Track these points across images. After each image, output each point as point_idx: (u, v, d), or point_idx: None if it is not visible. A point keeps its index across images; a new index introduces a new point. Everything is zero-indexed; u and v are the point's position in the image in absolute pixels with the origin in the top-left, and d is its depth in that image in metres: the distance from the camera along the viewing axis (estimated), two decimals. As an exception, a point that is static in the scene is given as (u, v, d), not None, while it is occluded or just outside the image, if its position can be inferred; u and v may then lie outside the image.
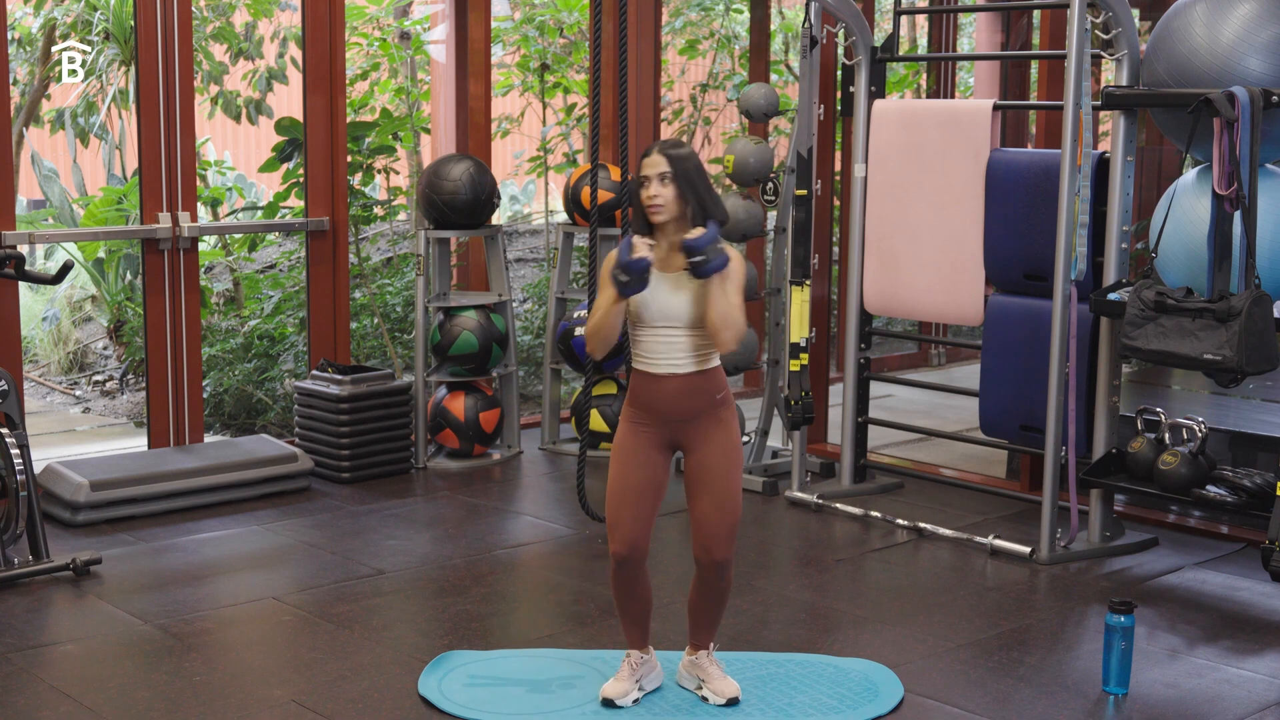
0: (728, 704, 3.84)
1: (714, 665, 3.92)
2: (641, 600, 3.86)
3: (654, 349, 3.70)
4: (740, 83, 9.92)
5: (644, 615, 3.89)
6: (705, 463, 3.74)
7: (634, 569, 3.79)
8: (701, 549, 3.78)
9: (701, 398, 3.71)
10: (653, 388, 3.72)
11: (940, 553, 5.33)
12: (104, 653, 4.27)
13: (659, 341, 3.69)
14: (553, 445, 6.89)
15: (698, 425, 3.73)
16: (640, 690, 3.90)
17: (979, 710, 3.90)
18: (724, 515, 3.74)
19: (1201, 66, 4.80)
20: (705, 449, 3.73)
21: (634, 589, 3.83)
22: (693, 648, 3.94)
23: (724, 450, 3.73)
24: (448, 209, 6.47)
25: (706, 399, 3.72)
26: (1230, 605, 4.79)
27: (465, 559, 5.18)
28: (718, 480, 3.73)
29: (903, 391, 7.92)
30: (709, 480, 3.73)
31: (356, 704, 3.88)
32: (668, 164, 3.62)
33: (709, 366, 3.72)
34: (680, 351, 3.69)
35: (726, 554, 3.77)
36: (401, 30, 8.79)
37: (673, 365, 3.70)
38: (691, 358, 3.70)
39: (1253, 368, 4.58)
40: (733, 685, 3.88)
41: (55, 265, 8.08)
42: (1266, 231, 4.73)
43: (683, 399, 3.71)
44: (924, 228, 5.73)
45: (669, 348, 3.69)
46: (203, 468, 5.82)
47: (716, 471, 3.73)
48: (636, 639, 3.91)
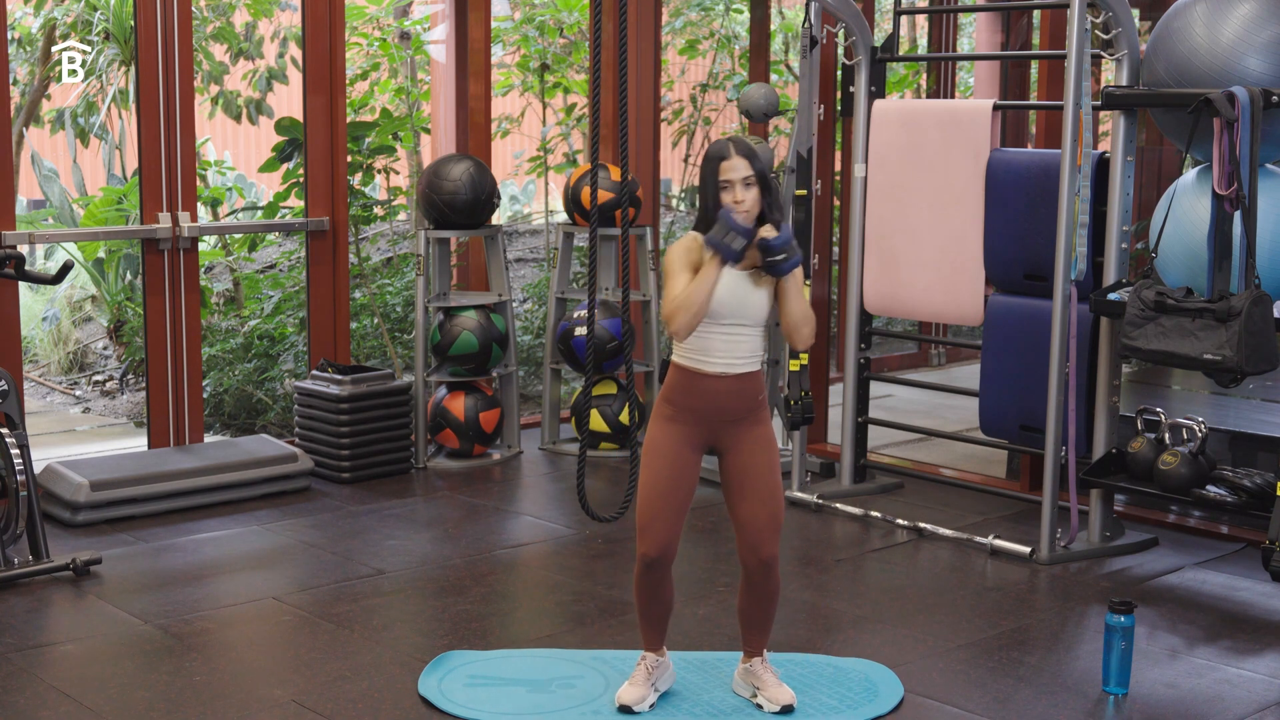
0: (782, 711, 3.81)
1: (769, 672, 3.89)
2: (664, 603, 3.85)
3: (714, 346, 3.67)
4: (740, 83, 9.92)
5: (664, 618, 3.88)
6: (749, 463, 3.72)
7: (662, 571, 3.77)
8: (749, 550, 3.76)
9: (748, 399, 3.71)
10: (701, 386, 3.69)
11: (940, 553, 5.33)
12: (104, 653, 4.27)
13: (722, 339, 3.66)
14: (553, 445, 6.89)
15: (740, 426, 3.72)
16: (655, 693, 3.89)
17: (979, 710, 3.90)
18: (770, 514, 3.73)
19: (1201, 66, 4.80)
20: (748, 449, 3.72)
21: (658, 592, 3.82)
22: (747, 655, 3.91)
23: (765, 449, 3.73)
24: (448, 209, 6.47)
25: (751, 400, 3.71)
26: (1230, 605, 4.79)
27: (465, 559, 5.19)
28: (761, 480, 3.72)
29: (903, 391, 7.92)
30: (753, 480, 3.72)
31: (356, 704, 3.88)
32: (750, 168, 3.59)
33: (756, 369, 3.72)
34: (742, 351, 3.68)
35: (773, 552, 3.75)
36: (401, 30, 8.79)
37: (729, 364, 3.67)
38: (750, 358, 3.70)
39: (1253, 368, 4.58)
40: (788, 693, 3.85)
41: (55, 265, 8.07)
42: (1266, 231, 4.73)
43: (731, 399, 3.69)
44: (924, 228, 5.73)
45: (732, 346, 3.67)
46: (203, 468, 5.82)
47: (760, 470, 3.72)
48: (654, 641, 3.90)
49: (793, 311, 3.67)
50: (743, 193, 3.59)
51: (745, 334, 3.68)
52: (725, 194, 3.60)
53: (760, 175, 3.61)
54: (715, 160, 3.62)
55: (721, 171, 3.60)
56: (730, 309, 3.65)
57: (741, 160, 3.59)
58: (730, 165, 3.59)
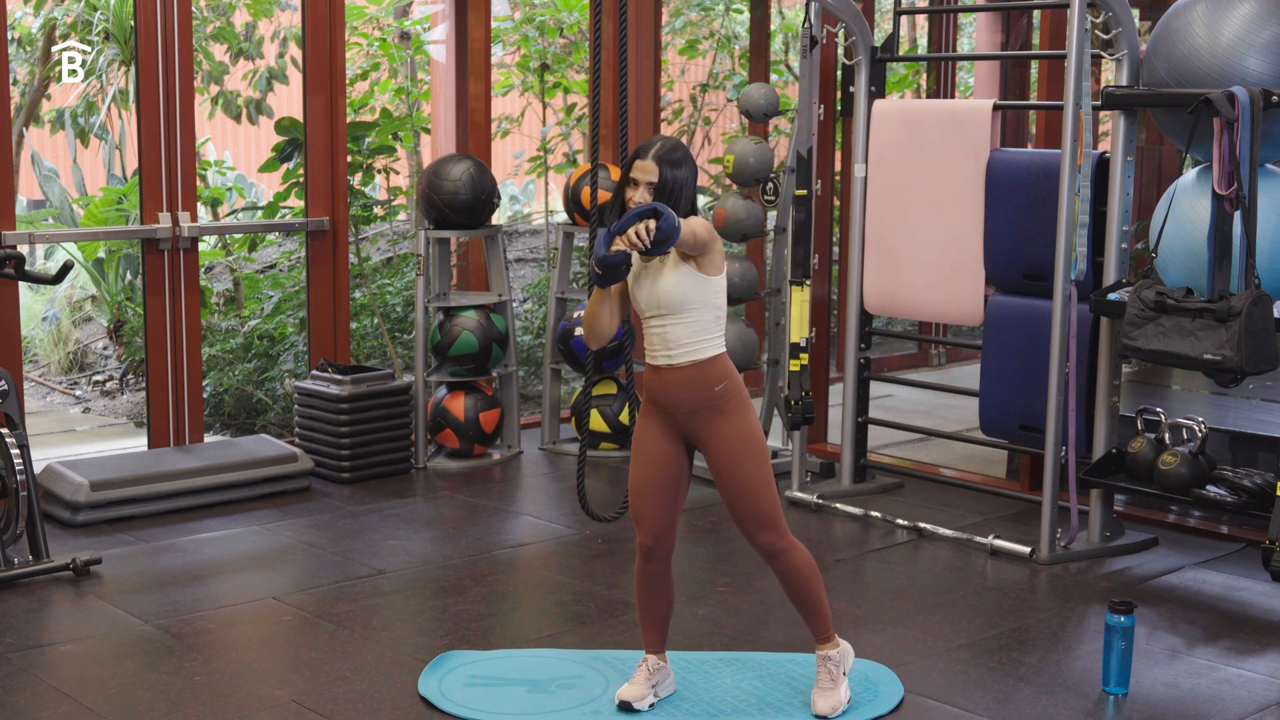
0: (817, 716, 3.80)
1: (823, 670, 3.84)
2: (664, 601, 3.86)
3: (650, 340, 3.71)
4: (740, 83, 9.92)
5: (665, 618, 3.88)
6: (716, 455, 3.72)
7: (660, 562, 3.79)
8: (747, 539, 3.79)
9: (699, 389, 3.67)
10: (655, 380, 3.73)
11: (940, 553, 5.33)
12: (104, 653, 4.27)
13: (652, 332, 3.69)
14: (553, 445, 6.89)
15: (701, 418, 3.71)
16: (655, 697, 3.89)
17: (979, 710, 3.90)
18: (745, 503, 3.71)
19: (1201, 66, 4.80)
20: (713, 442, 3.71)
21: (657, 589, 3.83)
22: (817, 643, 3.88)
23: (729, 439, 3.69)
24: (448, 209, 6.47)
25: (704, 390, 3.68)
26: (1230, 605, 4.79)
27: (465, 559, 5.18)
28: (729, 470, 3.71)
29: (903, 391, 7.91)
30: (721, 472, 3.72)
31: (356, 704, 3.88)
32: (658, 175, 3.57)
33: (703, 357, 3.66)
34: (671, 342, 3.66)
35: (766, 541, 3.73)
36: (401, 30, 8.79)
37: (667, 356, 3.68)
38: (681, 348, 3.65)
39: (1253, 368, 4.58)
40: (826, 702, 3.79)
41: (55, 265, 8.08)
42: (1266, 231, 4.73)
43: (682, 391, 3.68)
44: (924, 228, 5.73)
45: (660, 338, 3.68)
46: (203, 468, 5.82)
47: (725, 462, 3.70)
48: (655, 642, 3.90)
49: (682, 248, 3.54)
50: (644, 195, 3.58)
51: (673, 323, 3.64)
52: (628, 189, 3.61)
53: (671, 187, 3.56)
54: (634, 154, 3.62)
55: (634, 169, 3.61)
56: (647, 303, 3.66)
57: (654, 165, 3.58)
58: (642, 166, 3.59)
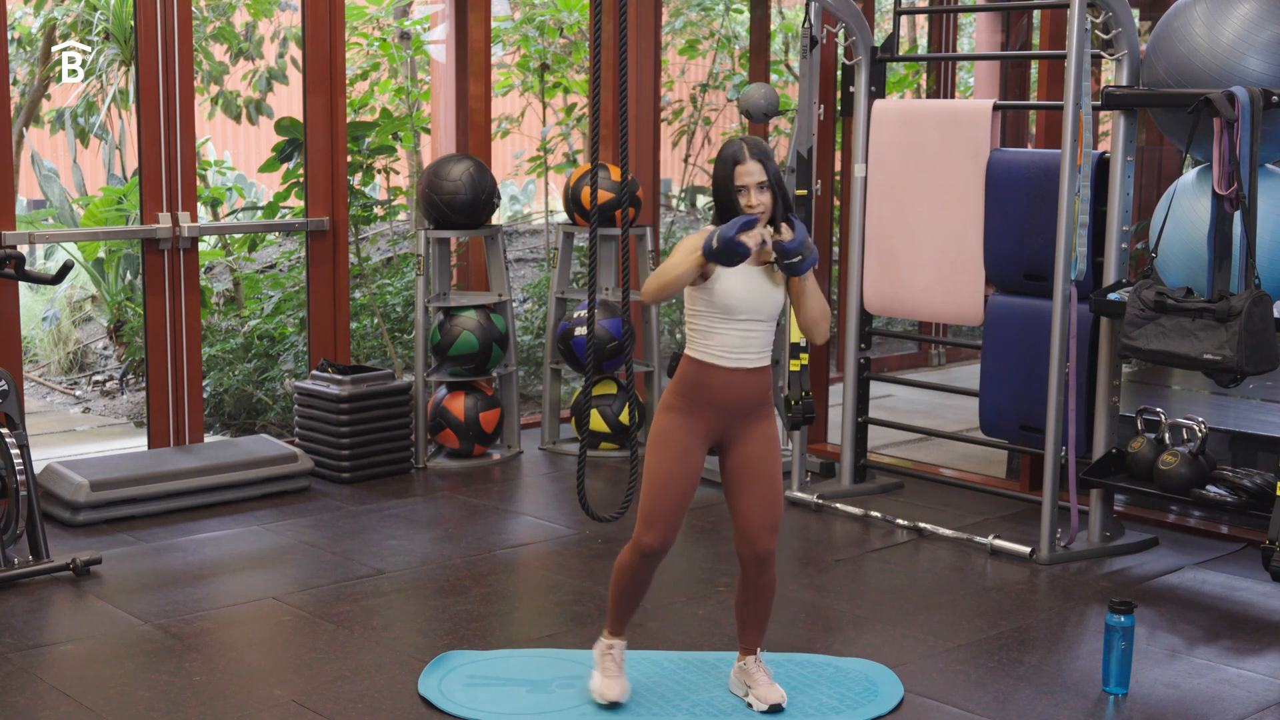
0: (770, 710, 3.82)
1: (761, 670, 3.90)
2: (644, 592, 3.88)
3: (730, 342, 3.67)
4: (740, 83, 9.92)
5: (637, 607, 3.91)
6: (753, 455, 3.73)
7: (656, 564, 3.80)
8: (745, 544, 3.76)
9: (758, 392, 3.72)
10: (714, 379, 3.69)
11: (940, 553, 5.33)
12: (104, 653, 4.27)
13: (738, 334, 3.67)
14: (553, 445, 6.89)
15: (747, 419, 3.73)
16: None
17: (979, 710, 3.90)
18: (770, 508, 3.74)
19: (1201, 66, 4.80)
20: (753, 443, 3.73)
21: (645, 584, 3.84)
22: (742, 652, 3.92)
23: (768, 443, 3.74)
24: (448, 209, 6.47)
25: (761, 393, 3.73)
26: (1230, 605, 4.79)
27: (465, 559, 5.19)
28: (764, 473, 3.73)
29: (903, 391, 7.92)
30: (756, 473, 3.73)
31: (356, 704, 3.88)
32: (764, 172, 3.60)
33: (768, 362, 3.75)
34: (757, 346, 3.70)
35: (770, 547, 3.76)
36: (401, 30, 8.79)
37: (744, 359, 3.68)
38: (763, 353, 3.71)
39: (1253, 368, 4.58)
40: (777, 692, 3.85)
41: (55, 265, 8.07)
42: (1266, 231, 4.73)
43: (743, 392, 3.70)
44: (924, 228, 5.73)
45: (748, 341, 3.68)
46: (203, 468, 5.82)
47: (764, 464, 3.73)
48: (621, 627, 3.91)
49: (811, 308, 3.69)
50: (757, 197, 3.60)
51: (759, 329, 3.70)
52: (741, 198, 3.61)
53: (774, 178, 3.62)
54: (730, 163, 3.61)
55: (736, 176, 3.61)
56: (747, 305, 3.66)
57: (756, 164, 3.60)
58: (745, 170, 3.60)
